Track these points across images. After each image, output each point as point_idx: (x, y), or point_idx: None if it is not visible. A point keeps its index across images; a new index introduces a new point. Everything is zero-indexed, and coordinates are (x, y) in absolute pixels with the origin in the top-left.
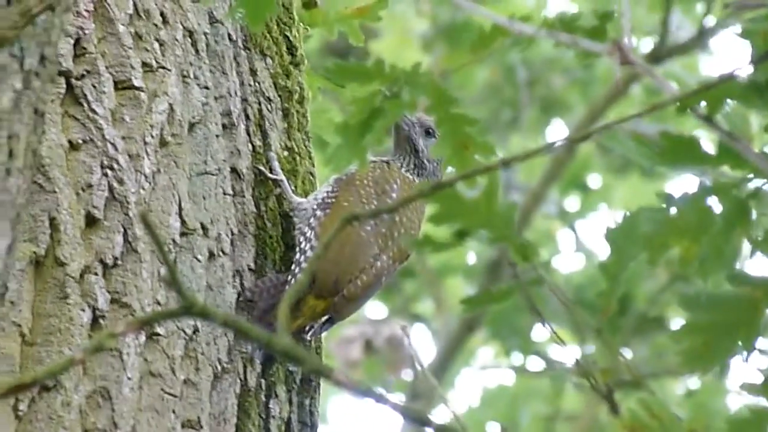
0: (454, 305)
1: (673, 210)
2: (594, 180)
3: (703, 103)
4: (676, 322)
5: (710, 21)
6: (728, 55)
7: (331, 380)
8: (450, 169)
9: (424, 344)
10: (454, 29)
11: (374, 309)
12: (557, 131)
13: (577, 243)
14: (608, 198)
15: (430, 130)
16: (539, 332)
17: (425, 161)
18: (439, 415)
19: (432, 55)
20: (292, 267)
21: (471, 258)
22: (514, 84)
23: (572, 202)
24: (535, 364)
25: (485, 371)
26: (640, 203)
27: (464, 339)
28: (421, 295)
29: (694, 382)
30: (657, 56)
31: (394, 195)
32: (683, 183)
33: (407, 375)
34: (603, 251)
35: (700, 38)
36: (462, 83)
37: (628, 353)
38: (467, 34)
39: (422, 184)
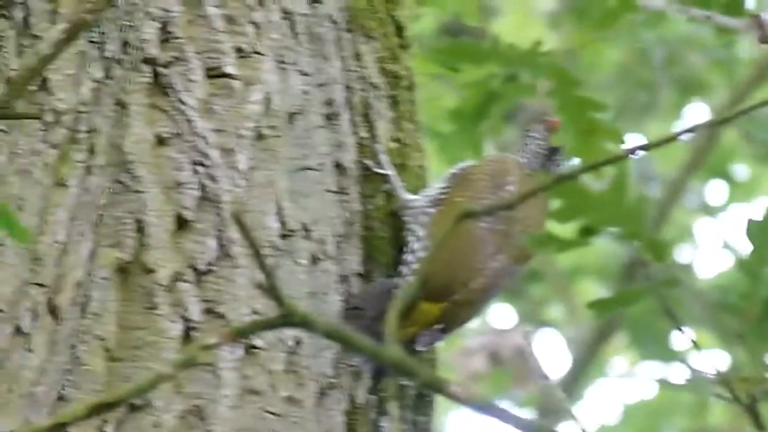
0: (587, 310)
1: None
2: (739, 170)
3: None
4: None
5: None
6: None
7: (447, 394)
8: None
9: (554, 353)
10: (582, 4)
11: (500, 317)
12: (696, 115)
13: (722, 239)
14: (755, 190)
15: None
16: (681, 340)
17: (528, 152)
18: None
19: (558, 34)
20: (401, 269)
21: (605, 258)
22: (649, 65)
23: (716, 194)
24: (676, 374)
25: (620, 382)
26: None
27: (598, 347)
28: (551, 300)
29: None
30: None
31: (511, 188)
32: None
33: (536, 388)
34: (745, 247)
35: None
36: (592, 65)
37: None
38: (597, 9)
39: (543, 177)
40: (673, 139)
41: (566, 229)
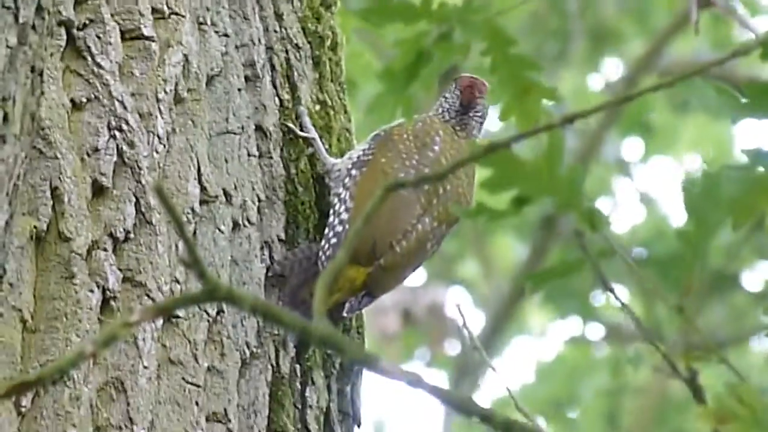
0: (503, 267)
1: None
2: (656, 118)
3: None
4: (754, 279)
5: None
6: None
7: (377, 370)
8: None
9: (468, 312)
10: None
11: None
12: (613, 68)
13: (640, 192)
14: (673, 140)
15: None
16: (599, 296)
17: (474, 120)
18: (489, 393)
19: None
20: (326, 232)
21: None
22: (561, 13)
23: (632, 147)
24: (595, 331)
25: (539, 341)
26: (707, 146)
27: (515, 305)
28: (465, 256)
29: None
30: None
31: (436, 148)
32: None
33: (451, 347)
34: (676, 211)
35: None
36: (502, 14)
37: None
38: None
39: (472, 143)
40: (610, 106)
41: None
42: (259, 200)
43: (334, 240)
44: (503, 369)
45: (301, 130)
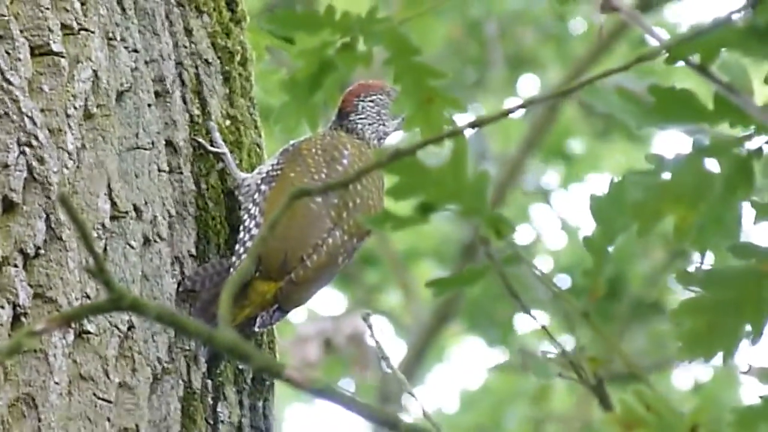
0: (424, 295)
1: (666, 174)
2: (577, 145)
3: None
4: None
5: None
6: None
7: (284, 378)
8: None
9: (390, 341)
10: None
11: (332, 304)
12: (529, 89)
13: (561, 220)
14: (593, 167)
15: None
16: (523, 323)
17: (358, 123)
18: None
19: (387, 6)
20: (237, 248)
21: (442, 240)
22: (479, 40)
23: (553, 175)
24: (517, 359)
25: (462, 368)
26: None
27: (437, 332)
28: (386, 285)
29: (701, 373)
30: (646, 3)
31: (345, 161)
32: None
33: (373, 376)
34: (588, 224)
35: None
36: (421, 40)
37: (623, 343)
38: None
39: (378, 152)
40: (510, 112)
41: (405, 206)
42: (170, 215)
43: (244, 255)
44: (425, 397)
45: (212, 145)
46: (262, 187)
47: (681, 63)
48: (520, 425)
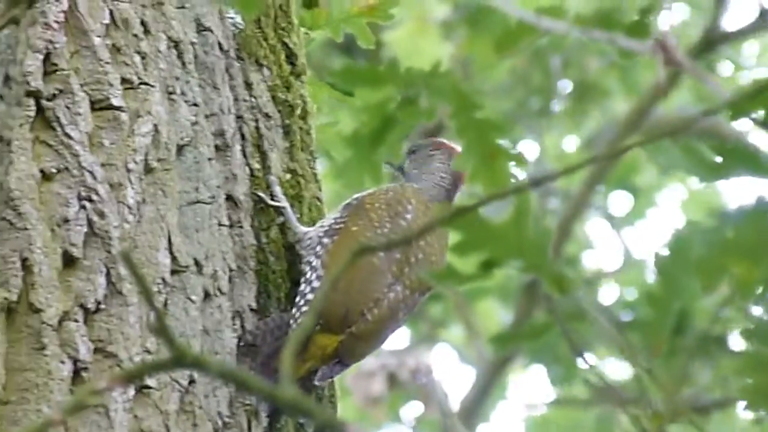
0: (487, 332)
1: (729, 230)
2: (643, 180)
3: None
4: (738, 342)
5: None
6: None
7: None
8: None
9: (454, 373)
10: (477, 12)
11: (396, 338)
12: (595, 125)
13: (626, 253)
14: (660, 201)
15: (410, 151)
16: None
17: (418, 177)
18: None
19: (452, 42)
20: (297, 300)
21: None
22: (544, 69)
23: (619, 207)
24: (580, 394)
25: (523, 403)
26: (693, 205)
27: (501, 369)
28: (449, 320)
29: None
30: (709, 41)
31: (408, 216)
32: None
33: (436, 411)
34: (652, 273)
35: (762, 20)
36: (485, 69)
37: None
38: (491, 17)
39: (441, 207)
40: (578, 168)
41: (467, 261)
42: (230, 270)
43: (305, 308)
44: None
45: (272, 199)
46: (325, 240)
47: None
48: None
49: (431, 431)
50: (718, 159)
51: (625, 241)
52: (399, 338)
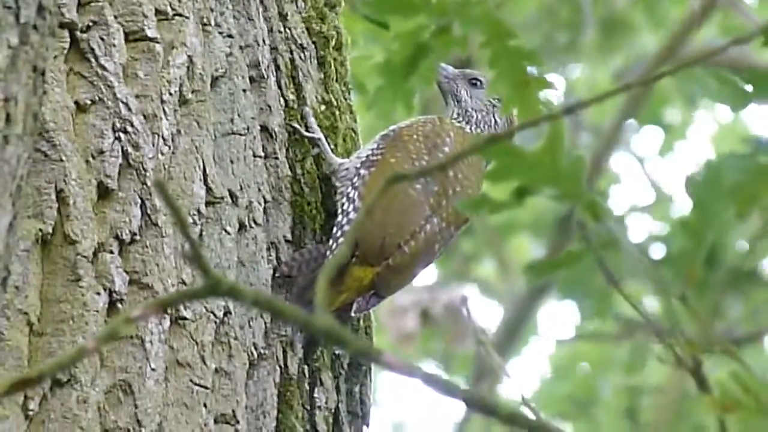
0: (519, 267)
1: (763, 156)
2: (672, 115)
3: None
4: None
5: None
6: None
7: (381, 364)
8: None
9: (487, 311)
10: None
11: (427, 273)
12: (624, 61)
13: (656, 188)
14: (690, 134)
15: (475, 81)
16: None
17: (473, 111)
18: (507, 393)
19: None
20: (334, 231)
21: (539, 212)
22: (571, 3)
23: (649, 142)
24: (612, 330)
25: (558, 338)
26: (724, 138)
27: (533, 304)
28: (482, 255)
29: None
30: None
31: (446, 149)
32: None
33: (470, 347)
34: (685, 203)
35: None
36: (513, 4)
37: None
38: None
39: (477, 137)
40: (609, 95)
41: (501, 189)
42: (265, 201)
43: (341, 239)
44: (522, 369)
45: (307, 131)
46: (362, 171)
47: None
48: (615, 395)
49: (462, 367)
50: (749, 87)
51: (653, 176)
52: (430, 273)
